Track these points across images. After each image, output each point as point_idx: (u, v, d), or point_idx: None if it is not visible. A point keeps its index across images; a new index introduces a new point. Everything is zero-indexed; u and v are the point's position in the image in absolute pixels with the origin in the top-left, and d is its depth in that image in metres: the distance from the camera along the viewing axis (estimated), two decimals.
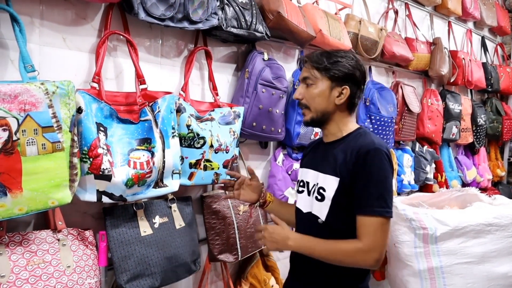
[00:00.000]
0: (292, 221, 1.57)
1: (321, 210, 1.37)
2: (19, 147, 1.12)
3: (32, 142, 1.15)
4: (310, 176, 1.46)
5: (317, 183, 1.40)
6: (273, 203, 1.63)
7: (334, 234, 1.34)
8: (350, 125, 1.43)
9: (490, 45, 4.26)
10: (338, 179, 1.33)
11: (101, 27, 1.52)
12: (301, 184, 1.50)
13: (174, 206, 1.65)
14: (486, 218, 2.25)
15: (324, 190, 1.37)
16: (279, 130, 2.02)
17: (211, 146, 1.66)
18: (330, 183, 1.35)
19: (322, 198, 1.37)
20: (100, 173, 1.28)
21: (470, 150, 3.85)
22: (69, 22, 1.45)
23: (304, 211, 1.46)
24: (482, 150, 3.96)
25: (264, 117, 1.91)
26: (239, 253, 1.84)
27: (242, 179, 1.61)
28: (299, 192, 1.52)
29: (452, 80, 3.40)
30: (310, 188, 1.44)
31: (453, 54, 3.43)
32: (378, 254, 1.26)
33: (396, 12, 3.05)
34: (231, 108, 1.81)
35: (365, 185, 1.28)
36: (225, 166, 1.74)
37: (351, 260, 1.29)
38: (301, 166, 1.59)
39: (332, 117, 1.41)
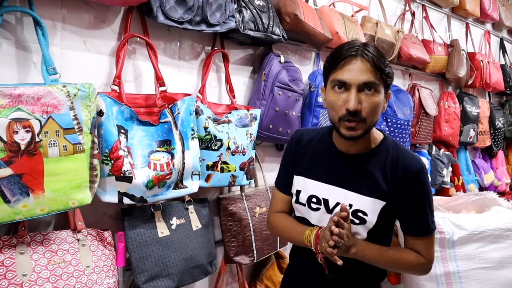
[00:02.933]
0: None
1: (359, 232, 1.24)
2: (42, 149, 1.14)
3: (54, 143, 1.17)
4: (330, 192, 1.26)
5: (350, 204, 1.22)
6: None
7: None
8: (375, 134, 1.27)
9: (509, 47, 4.19)
10: (383, 203, 1.21)
11: (121, 30, 1.54)
12: (314, 200, 1.28)
13: (191, 208, 1.66)
14: (505, 222, 2.22)
15: (365, 214, 1.22)
16: None
17: (228, 148, 1.67)
18: (373, 207, 1.21)
19: (362, 222, 1.23)
20: (121, 175, 1.30)
21: (488, 153, 3.80)
22: (90, 26, 1.47)
23: None
24: (500, 154, 3.90)
25: (281, 119, 1.91)
26: (255, 255, 1.84)
27: None
28: (311, 208, 1.29)
29: (469, 82, 3.36)
30: (331, 206, 1.25)
31: (471, 56, 3.39)
32: (432, 265, 1.28)
33: (413, 14, 3.02)
34: (247, 110, 1.81)
35: (421, 208, 1.23)
36: (241, 168, 1.75)
37: (411, 271, 1.40)
38: (302, 174, 1.33)
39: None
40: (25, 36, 1.31)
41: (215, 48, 1.82)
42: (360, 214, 1.22)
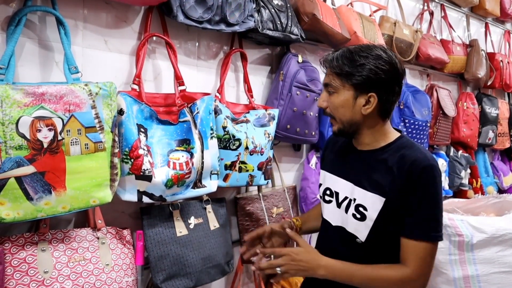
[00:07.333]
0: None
1: (360, 230, 1.22)
2: (64, 147, 1.15)
3: (75, 142, 1.18)
4: (340, 186, 1.30)
5: (354, 199, 1.24)
6: (303, 225, 1.50)
7: (372, 255, 1.22)
8: (388, 133, 1.26)
9: None
10: (383, 199, 1.17)
11: (141, 29, 1.55)
12: (328, 193, 1.34)
13: (208, 207, 1.66)
14: None
15: (365, 209, 1.21)
16: (313, 133, 2.00)
17: (246, 148, 1.66)
18: (373, 202, 1.19)
19: (362, 218, 1.21)
20: (141, 173, 1.31)
21: (507, 155, 3.74)
22: (111, 25, 1.48)
23: (333, 224, 1.32)
24: None
25: (298, 119, 1.90)
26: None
27: (263, 234, 1.45)
28: (325, 201, 1.36)
29: (489, 83, 3.30)
30: (340, 200, 1.29)
31: (491, 56, 3.34)
32: (425, 282, 1.14)
33: (431, 14, 2.99)
34: (266, 110, 1.81)
35: (419, 207, 1.14)
36: (259, 168, 1.74)
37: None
38: (324, 169, 1.42)
39: (363, 127, 1.24)
40: (48, 35, 1.33)
41: (233, 48, 1.82)
42: (361, 209, 1.22)
